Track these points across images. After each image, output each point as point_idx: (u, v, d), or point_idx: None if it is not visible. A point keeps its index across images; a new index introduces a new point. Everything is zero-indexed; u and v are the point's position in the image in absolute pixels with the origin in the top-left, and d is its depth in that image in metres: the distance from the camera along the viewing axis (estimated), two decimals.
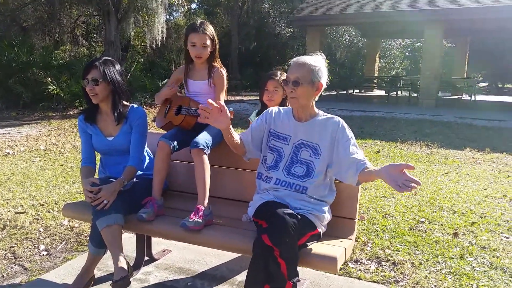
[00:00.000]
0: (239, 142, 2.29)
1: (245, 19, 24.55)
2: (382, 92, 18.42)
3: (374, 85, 18.52)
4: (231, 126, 2.15)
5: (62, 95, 12.32)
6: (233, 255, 3.01)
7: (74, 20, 18.34)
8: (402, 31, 18.78)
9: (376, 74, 20.59)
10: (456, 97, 17.73)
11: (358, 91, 19.64)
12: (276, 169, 2.27)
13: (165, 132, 2.73)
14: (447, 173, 5.62)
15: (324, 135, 2.23)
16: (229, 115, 2.08)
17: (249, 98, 15.94)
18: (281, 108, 2.43)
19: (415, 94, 15.25)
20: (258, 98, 3.20)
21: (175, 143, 2.54)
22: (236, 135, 2.25)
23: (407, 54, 32.21)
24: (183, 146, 2.65)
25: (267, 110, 2.44)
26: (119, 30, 14.57)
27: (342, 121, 2.26)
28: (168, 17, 19.61)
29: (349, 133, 2.23)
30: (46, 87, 12.26)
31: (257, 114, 2.95)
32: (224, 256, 3.01)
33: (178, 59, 16.95)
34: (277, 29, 23.96)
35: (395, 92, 16.26)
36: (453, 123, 10.34)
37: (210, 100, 2.00)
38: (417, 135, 8.66)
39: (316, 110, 2.31)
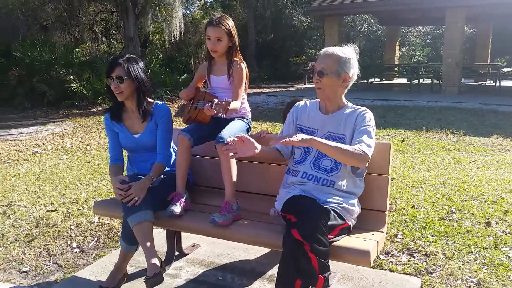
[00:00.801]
0: (272, 153, 2.32)
1: (261, 11, 24.36)
2: (403, 80, 18.09)
3: (395, 73, 18.19)
4: (258, 148, 2.14)
5: (85, 92, 12.51)
6: (261, 249, 3.01)
7: (93, 17, 18.55)
8: (422, 18, 18.34)
9: (396, 62, 20.22)
10: (479, 83, 17.28)
11: (378, 79, 19.33)
12: (303, 163, 2.26)
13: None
14: (474, 161, 5.50)
15: (349, 125, 2.20)
16: (255, 145, 2.12)
17: (268, 90, 15.88)
18: (307, 101, 2.41)
19: (438, 82, 14.92)
20: (277, 90, 3.11)
21: (193, 136, 2.54)
22: (269, 148, 2.29)
23: (428, 41, 31.54)
24: (203, 141, 2.66)
25: (296, 105, 2.41)
26: (137, 26, 14.69)
27: (367, 110, 2.23)
28: (185, 11, 19.67)
29: (367, 121, 2.18)
30: (69, 85, 12.46)
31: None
32: (252, 250, 3.02)
33: (196, 53, 17.00)
34: (294, 20, 23.73)
35: (417, 80, 15.94)
36: (478, 110, 10.10)
37: (229, 139, 2.09)
38: (442, 123, 8.50)
39: (345, 101, 2.28)
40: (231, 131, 2.49)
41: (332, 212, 2.05)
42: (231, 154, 2.10)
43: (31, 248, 3.17)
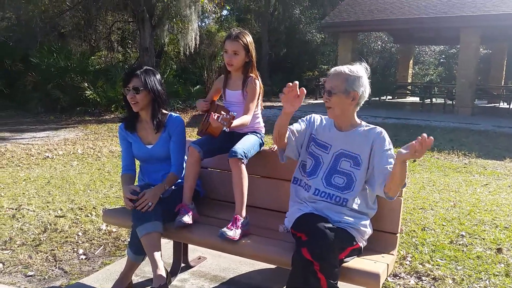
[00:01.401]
0: (287, 134, 2.27)
1: (275, 25, 24.58)
2: (415, 99, 18.01)
3: (408, 91, 18.14)
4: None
5: (99, 100, 12.66)
6: (266, 265, 2.98)
7: (110, 26, 18.83)
8: (436, 37, 18.33)
9: (409, 81, 20.18)
10: (493, 105, 17.15)
11: (391, 97, 19.29)
12: (314, 176, 2.24)
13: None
14: (486, 184, 5.43)
15: (365, 145, 2.19)
16: (300, 102, 2.06)
17: (280, 104, 15.90)
18: (323, 117, 2.40)
19: (451, 102, 14.84)
20: None
21: (203, 149, 2.54)
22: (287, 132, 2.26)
23: (441, 60, 31.46)
24: (214, 153, 2.67)
25: (310, 116, 2.41)
26: (153, 37, 14.87)
27: (384, 131, 2.22)
28: (200, 23, 19.89)
29: (388, 144, 2.17)
30: (83, 92, 12.63)
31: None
32: (258, 266, 2.99)
33: (210, 65, 17.12)
34: (308, 35, 23.88)
35: (429, 99, 15.88)
36: (490, 132, 10.00)
37: (296, 82, 2.00)
38: (454, 144, 8.42)
39: (358, 120, 2.27)
40: (244, 146, 2.49)
41: (344, 233, 2.03)
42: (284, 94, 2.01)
43: (38, 252, 3.18)
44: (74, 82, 12.97)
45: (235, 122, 2.46)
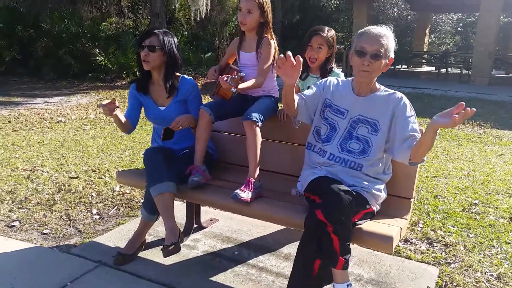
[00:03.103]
0: (296, 102, 2.18)
1: None
2: (431, 68, 17.63)
3: (423, 60, 17.75)
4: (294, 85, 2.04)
5: (110, 66, 12.61)
6: (277, 228, 3.01)
7: None
8: (455, 4, 17.75)
9: (425, 50, 19.70)
10: (511, 75, 16.72)
11: (406, 66, 18.90)
12: (329, 143, 2.20)
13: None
14: (501, 154, 5.36)
15: (385, 111, 2.13)
16: (299, 72, 1.97)
17: None
18: (339, 79, 2.34)
19: (467, 72, 14.50)
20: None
21: (214, 112, 2.51)
22: (295, 95, 2.16)
23: (459, 29, 30.57)
24: (226, 117, 2.64)
25: (325, 79, 2.35)
26: (164, 2, 14.62)
27: (404, 97, 2.16)
28: None
29: (410, 110, 2.11)
30: (94, 58, 12.59)
31: (300, 77, 2.83)
32: (269, 228, 3.02)
33: (221, 32, 16.85)
34: (322, 1, 23.28)
35: (445, 69, 15.53)
36: (507, 103, 9.79)
37: (289, 53, 1.92)
38: None
39: (378, 85, 2.20)
40: (259, 109, 2.46)
41: (358, 196, 2.01)
42: (276, 66, 1.96)
43: (52, 212, 3.24)
44: (85, 48, 12.90)
45: (247, 84, 2.42)
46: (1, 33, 13.10)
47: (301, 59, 1.93)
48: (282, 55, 1.93)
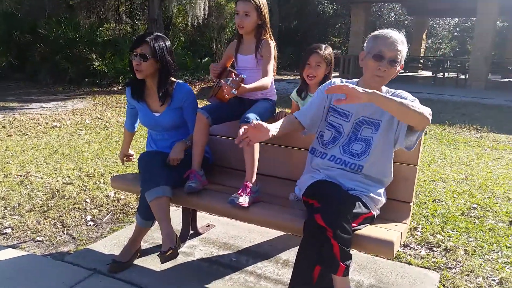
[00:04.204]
0: (289, 127, 2.14)
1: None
2: (428, 73, 17.68)
3: (420, 65, 17.80)
4: (272, 130, 1.97)
5: (107, 71, 12.60)
6: (275, 233, 2.96)
7: None
8: (452, 9, 17.82)
9: (422, 54, 19.76)
10: (507, 79, 16.77)
11: (402, 71, 18.93)
12: (333, 145, 2.16)
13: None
14: (498, 158, 5.33)
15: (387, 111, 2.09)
16: (268, 129, 1.93)
17: (289, 77, 15.71)
18: (344, 81, 2.29)
19: (463, 76, 14.53)
20: (297, 77, 3.04)
21: (211, 115, 2.48)
22: (279, 124, 2.08)
23: (455, 34, 30.71)
24: (223, 120, 2.60)
25: (329, 81, 2.30)
26: (162, 8, 14.62)
27: (404, 91, 2.11)
28: None
29: (411, 97, 2.05)
30: (91, 63, 12.57)
31: (298, 92, 2.82)
32: (267, 234, 2.97)
33: (219, 37, 16.86)
34: (320, 7, 23.34)
35: (442, 73, 15.56)
36: (504, 107, 9.80)
37: (241, 130, 1.90)
38: (466, 118, 8.27)
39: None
40: (257, 112, 2.42)
41: (357, 200, 1.97)
42: (246, 142, 1.92)
43: (46, 218, 3.19)
44: (82, 54, 12.89)
45: (254, 84, 2.39)
46: None
47: (258, 122, 1.91)
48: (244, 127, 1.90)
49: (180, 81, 2.65)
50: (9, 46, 13.45)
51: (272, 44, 2.55)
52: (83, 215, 3.27)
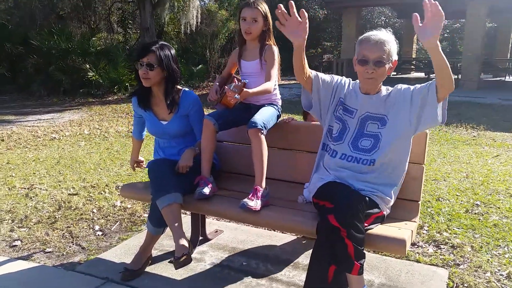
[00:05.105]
0: (308, 71, 2.17)
1: (277, 2, 24.14)
2: (420, 74, 17.86)
3: (412, 67, 17.97)
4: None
5: (101, 81, 12.58)
6: (284, 237, 2.98)
7: (109, 7, 18.55)
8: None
9: (413, 56, 19.96)
10: (499, 79, 16.98)
11: (395, 73, 19.10)
12: (341, 141, 2.19)
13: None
14: (497, 155, 5.40)
15: (391, 105, 2.13)
16: (306, 29, 1.95)
17: (283, 82, 15.76)
18: (351, 81, 2.31)
19: (456, 76, 14.70)
20: (291, 82, 3.01)
21: (218, 121, 2.50)
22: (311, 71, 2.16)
23: (445, 35, 31.05)
24: (229, 126, 2.63)
25: (341, 78, 2.32)
26: (153, 16, 14.66)
27: (402, 85, 2.19)
28: (199, 2, 19.56)
29: (409, 86, 2.14)
30: (85, 73, 12.55)
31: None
32: (275, 237, 2.99)
33: (212, 44, 16.92)
34: (311, 12, 23.50)
35: (434, 74, 15.70)
36: (497, 105, 9.93)
37: (291, 2, 1.88)
38: (461, 117, 8.37)
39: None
40: (263, 117, 2.45)
41: (368, 200, 2.01)
42: (278, 23, 1.94)
43: (54, 229, 3.19)
44: (75, 64, 12.87)
45: (258, 89, 2.42)
46: None
47: (306, 14, 1.90)
48: (281, 9, 1.86)
49: (186, 89, 2.68)
50: (1, 58, 13.40)
51: (276, 49, 2.59)
52: (91, 225, 3.28)
